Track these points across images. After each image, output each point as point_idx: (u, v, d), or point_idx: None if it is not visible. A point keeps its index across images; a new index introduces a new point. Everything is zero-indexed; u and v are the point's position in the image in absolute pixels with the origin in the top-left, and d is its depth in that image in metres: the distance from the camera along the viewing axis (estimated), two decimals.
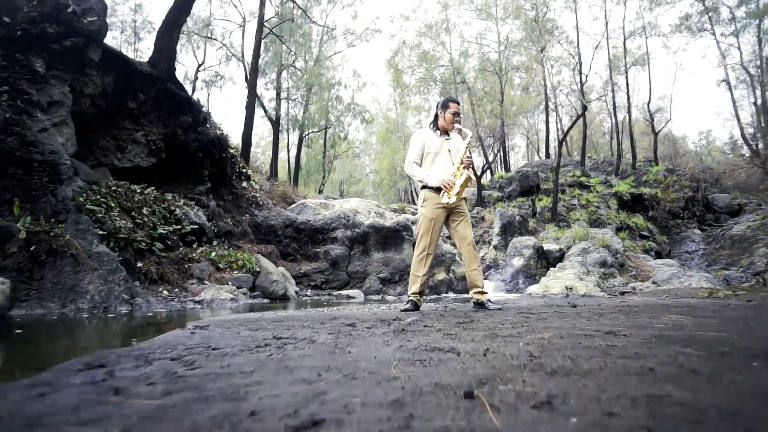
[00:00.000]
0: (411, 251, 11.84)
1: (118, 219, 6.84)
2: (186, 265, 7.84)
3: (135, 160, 9.00)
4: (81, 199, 6.31)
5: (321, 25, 23.45)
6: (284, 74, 31.83)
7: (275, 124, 27.62)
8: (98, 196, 6.90)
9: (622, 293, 7.60)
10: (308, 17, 20.15)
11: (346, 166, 48.04)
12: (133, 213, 7.40)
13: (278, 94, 28.09)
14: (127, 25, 23.69)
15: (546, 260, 13.44)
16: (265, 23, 17.75)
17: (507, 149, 33.47)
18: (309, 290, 10.70)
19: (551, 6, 26.90)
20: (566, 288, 9.34)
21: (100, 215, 6.54)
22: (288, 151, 36.45)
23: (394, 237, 11.67)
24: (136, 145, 9.01)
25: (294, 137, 34.42)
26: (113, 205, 6.91)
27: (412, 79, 33.60)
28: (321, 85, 32.29)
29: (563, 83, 29.98)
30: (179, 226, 8.14)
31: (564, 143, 31.37)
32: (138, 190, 7.87)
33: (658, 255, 16.25)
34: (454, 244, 18.08)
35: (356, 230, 11.61)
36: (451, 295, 11.78)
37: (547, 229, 16.17)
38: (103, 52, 7.94)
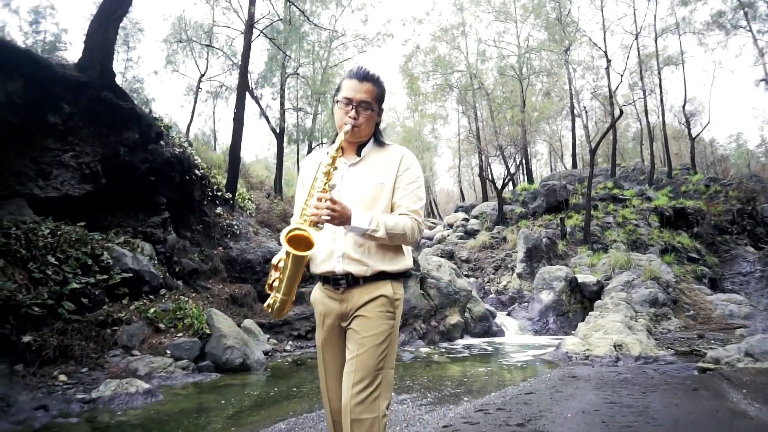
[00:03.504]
0: (417, 290, 9.76)
1: None
2: (108, 330, 5.91)
3: (63, 188, 7.14)
4: None
5: (321, 27, 21.73)
6: (294, 83, 30.10)
7: (279, 136, 25.82)
8: None
9: (704, 370, 5.40)
10: (307, 18, 18.35)
11: None
12: (30, 264, 5.50)
13: (282, 104, 26.32)
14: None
15: (581, 294, 11.24)
16: (256, 25, 15.98)
17: (530, 158, 31.14)
18: (290, 342, 8.69)
19: (574, 3, 24.79)
20: (614, 347, 7.16)
21: None
22: (298, 165, 34.63)
23: None
24: (63, 170, 7.15)
25: (304, 150, 32.66)
26: None
27: (428, 85, 31.70)
28: (330, 94, 30.51)
29: (588, 87, 27.61)
30: (105, 276, 6.22)
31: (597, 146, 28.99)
32: (47, 231, 5.99)
33: (713, 283, 13.86)
34: (472, 269, 15.92)
35: None
36: (467, 342, 9.66)
37: (579, 253, 13.93)
38: (0, 49, 6.13)
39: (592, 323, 8.53)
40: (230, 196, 11.11)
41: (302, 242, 1.68)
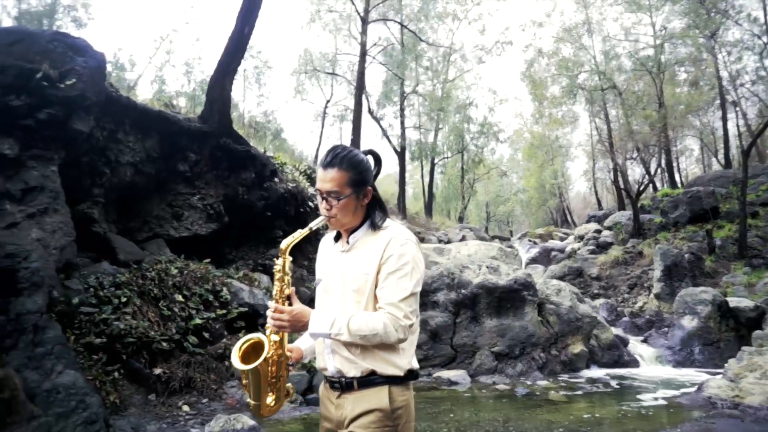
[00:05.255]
0: (534, 316, 9.20)
1: (131, 315, 5.64)
2: (226, 362, 6.40)
3: (193, 228, 7.99)
4: (76, 300, 5.18)
5: (436, 44, 21.74)
6: (414, 101, 30.62)
7: (401, 155, 26.31)
8: (113, 289, 5.79)
9: None
10: (419, 38, 18.53)
11: (492, 187, 45.21)
12: (161, 302, 6.19)
13: (402, 123, 26.83)
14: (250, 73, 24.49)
15: (735, 320, 9.72)
16: (371, 50, 16.50)
17: (673, 159, 27.95)
18: None
19: None
20: None
21: (104, 316, 5.37)
22: (423, 180, 35.03)
23: (511, 298, 9.19)
24: (192, 211, 8.00)
25: (427, 167, 32.96)
26: (125, 299, 5.73)
27: (553, 89, 30.09)
28: (450, 109, 30.48)
29: (746, 71, 23.91)
30: (224, 311, 6.78)
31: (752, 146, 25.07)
32: (175, 270, 6.70)
33: None
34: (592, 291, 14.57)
35: (462, 291, 9.34)
36: (593, 373, 8.86)
37: (733, 271, 12.12)
38: (138, 113, 7.04)
39: (746, 361, 7.30)
40: None
41: (259, 348, 1.67)
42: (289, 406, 6.04)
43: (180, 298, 6.41)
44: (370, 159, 1.82)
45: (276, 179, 8.77)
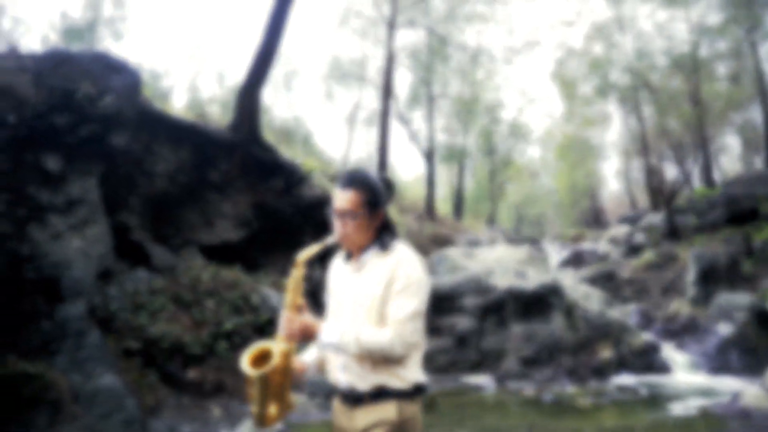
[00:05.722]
0: (562, 321, 9.14)
1: (165, 322, 5.89)
2: None
3: (223, 235, 8.25)
4: (114, 306, 5.46)
5: (462, 47, 21.69)
6: (443, 103, 30.58)
7: (429, 157, 26.31)
8: (148, 295, 6.06)
9: None
10: (445, 43, 18.54)
11: (522, 188, 44.56)
12: (193, 308, 6.43)
13: (430, 126, 26.82)
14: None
15: None
16: (399, 54, 16.61)
17: (709, 157, 27.05)
18: (429, 375, 8.77)
19: None
20: None
21: (140, 321, 5.63)
22: (451, 182, 34.92)
23: (538, 303, 9.15)
24: (223, 218, 8.28)
25: (454, 169, 32.84)
26: (160, 304, 5.99)
27: (584, 88, 29.59)
28: (478, 111, 30.29)
29: None
30: (254, 316, 6.99)
31: None
32: (207, 277, 6.95)
33: None
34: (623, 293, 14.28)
35: (489, 296, 9.34)
36: (623, 379, 8.72)
37: None
38: (172, 125, 7.33)
39: None
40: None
41: (268, 357, 1.74)
42: (315, 410, 6.19)
43: (212, 304, 6.65)
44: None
45: (304, 186, 8.96)
